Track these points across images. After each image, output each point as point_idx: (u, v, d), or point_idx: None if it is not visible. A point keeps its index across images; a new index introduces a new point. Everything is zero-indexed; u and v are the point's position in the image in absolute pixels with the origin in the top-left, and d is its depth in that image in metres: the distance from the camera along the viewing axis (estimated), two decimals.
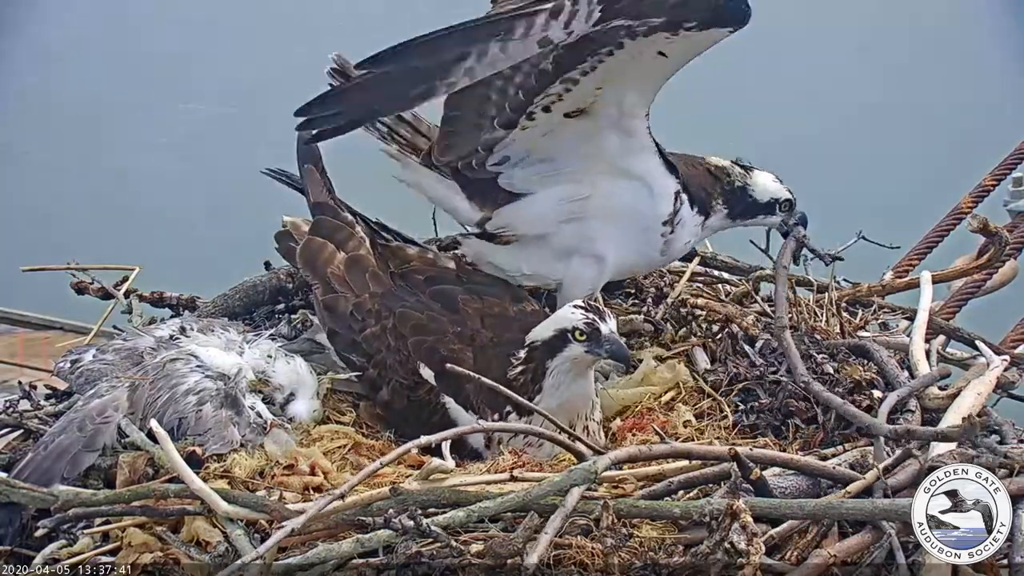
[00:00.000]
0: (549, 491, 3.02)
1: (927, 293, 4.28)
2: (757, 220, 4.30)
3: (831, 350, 4.01)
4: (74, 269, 4.81)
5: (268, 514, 3.15)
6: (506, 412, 3.71)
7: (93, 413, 3.61)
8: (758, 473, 3.11)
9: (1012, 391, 3.94)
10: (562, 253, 4.07)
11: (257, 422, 3.68)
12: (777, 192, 4.24)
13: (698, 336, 4.27)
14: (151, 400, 3.66)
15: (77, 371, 3.93)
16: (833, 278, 4.42)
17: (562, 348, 3.64)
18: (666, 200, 4.07)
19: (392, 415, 3.91)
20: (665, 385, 4.00)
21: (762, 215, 4.28)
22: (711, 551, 2.93)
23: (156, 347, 3.91)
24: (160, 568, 3.18)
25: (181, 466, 3.17)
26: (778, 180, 4.26)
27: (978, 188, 5.87)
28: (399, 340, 3.88)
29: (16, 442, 3.87)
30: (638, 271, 4.41)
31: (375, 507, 3.09)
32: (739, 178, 4.21)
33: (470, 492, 3.15)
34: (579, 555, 2.99)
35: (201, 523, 3.21)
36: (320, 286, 4.02)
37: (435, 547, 2.97)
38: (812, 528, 3.10)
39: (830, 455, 3.47)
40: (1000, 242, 4.28)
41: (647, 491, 3.22)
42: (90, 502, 3.24)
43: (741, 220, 4.29)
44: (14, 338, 7.78)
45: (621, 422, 3.90)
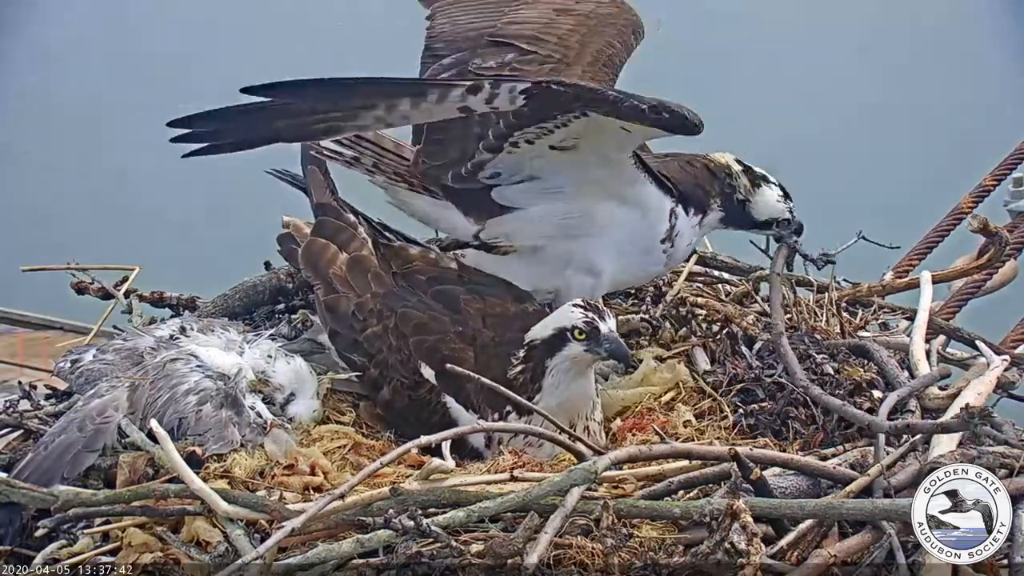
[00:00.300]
0: (549, 491, 3.02)
1: (927, 293, 4.28)
2: (750, 233, 4.30)
3: (831, 350, 4.01)
4: (74, 269, 4.81)
5: (268, 514, 3.15)
6: (506, 412, 3.71)
7: (93, 413, 3.61)
8: (758, 473, 3.11)
9: (1012, 391, 3.94)
10: (558, 266, 4.07)
11: (257, 422, 3.68)
12: (778, 212, 4.18)
13: (698, 336, 4.26)
14: (151, 400, 3.65)
15: (77, 371, 3.93)
16: (833, 278, 4.42)
17: (561, 347, 3.65)
18: (662, 220, 4.07)
19: (393, 415, 3.91)
20: (665, 385, 4.00)
21: (757, 229, 4.26)
22: (711, 551, 2.93)
23: (156, 347, 3.90)
24: (160, 568, 3.18)
25: (181, 466, 3.17)
26: (783, 198, 4.18)
27: (978, 188, 5.88)
28: (400, 340, 3.88)
29: (16, 442, 3.86)
30: (641, 282, 4.41)
31: (375, 507, 3.09)
32: (742, 191, 4.16)
33: (470, 492, 3.15)
34: (579, 555, 2.99)
35: (201, 523, 3.21)
36: (322, 287, 4.02)
37: (435, 547, 2.97)
38: (812, 528, 3.10)
39: (830, 455, 3.47)
40: (1000, 242, 4.28)
41: (647, 491, 3.22)
42: (90, 502, 3.24)
43: (734, 228, 4.28)
44: (14, 338, 7.77)
45: (621, 422, 3.90)
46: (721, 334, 4.22)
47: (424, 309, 3.92)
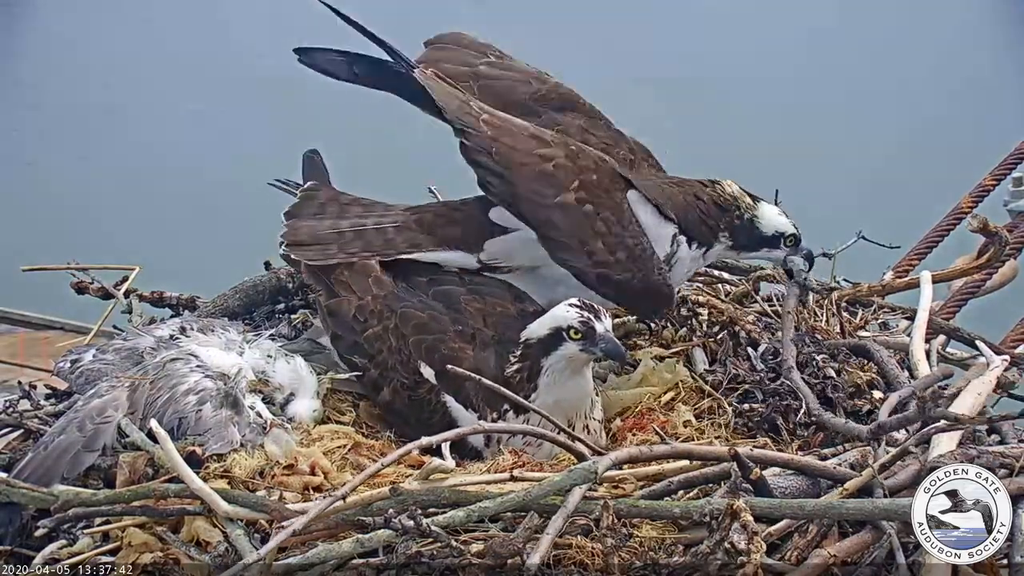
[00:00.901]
0: (549, 491, 3.02)
1: (927, 293, 4.28)
2: (760, 253, 4.20)
3: (832, 351, 4.01)
4: (74, 269, 4.81)
5: (268, 514, 3.15)
6: (504, 410, 3.72)
7: (93, 413, 3.61)
8: (758, 473, 3.11)
9: (1012, 391, 3.93)
10: (552, 283, 4.05)
11: (257, 422, 3.68)
12: (783, 226, 4.11)
13: (699, 336, 4.26)
14: (151, 400, 3.65)
15: (77, 371, 3.93)
16: (833, 278, 4.42)
17: (557, 346, 3.66)
18: (662, 244, 4.01)
19: (393, 415, 3.92)
20: (665, 385, 4.00)
21: (766, 248, 4.16)
22: (711, 551, 2.93)
23: (156, 347, 3.91)
24: (160, 568, 3.18)
25: (181, 466, 3.17)
26: (784, 214, 4.14)
27: (978, 188, 5.87)
28: (400, 340, 3.89)
29: (16, 442, 3.86)
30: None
31: (375, 507, 3.09)
32: (747, 209, 4.10)
33: (470, 492, 3.15)
34: (579, 555, 3.00)
35: (201, 523, 3.21)
36: (324, 292, 4.02)
37: (435, 547, 2.97)
38: (812, 528, 3.10)
39: (830, 455, 3.47)
40: (1000, 242, 4.28)
41: (647, 491, 3.22)
42: (90, 502, 3.23)
43: (744, 252, 4.20)
44: (14, 338, 7.78)
45: (621, 422, 3.90)
46: (722, 334, 4.21)
47: (424, 309, 3.93)
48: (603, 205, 3.88)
